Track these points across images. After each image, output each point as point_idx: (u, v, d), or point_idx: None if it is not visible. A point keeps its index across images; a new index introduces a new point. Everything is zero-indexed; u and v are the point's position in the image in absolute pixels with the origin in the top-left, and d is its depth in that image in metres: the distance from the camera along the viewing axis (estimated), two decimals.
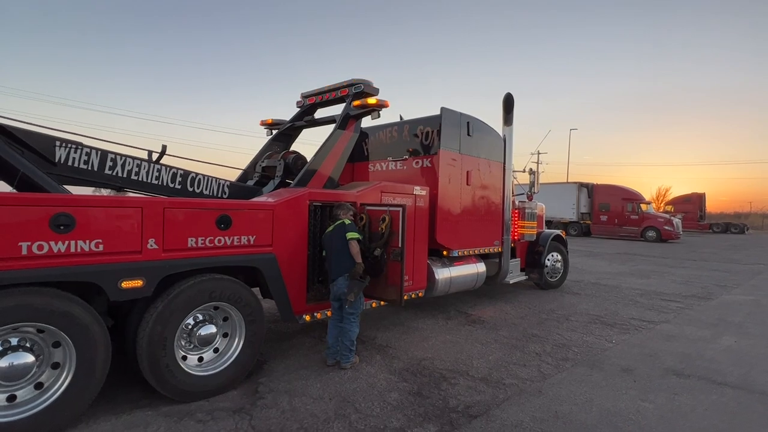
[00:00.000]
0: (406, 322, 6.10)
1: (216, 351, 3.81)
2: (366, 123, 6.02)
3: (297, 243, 4.34)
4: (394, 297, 4.47)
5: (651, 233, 23.68)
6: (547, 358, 4.79)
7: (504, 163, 7.13)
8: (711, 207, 49.32)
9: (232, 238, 3.78)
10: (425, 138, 6.24)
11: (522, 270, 8.11)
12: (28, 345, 2.92)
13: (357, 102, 5.42)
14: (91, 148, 4.18)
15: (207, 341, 3.71)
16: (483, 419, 3.38)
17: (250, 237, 3.90)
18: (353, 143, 5.65)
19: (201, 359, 3.72)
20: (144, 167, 4.53)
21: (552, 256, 8.63)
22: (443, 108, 6.00)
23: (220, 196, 5.16)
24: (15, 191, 3.60)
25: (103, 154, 4.26)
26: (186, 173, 4.84)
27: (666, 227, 23.46)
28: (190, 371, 3.56)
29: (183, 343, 3.62)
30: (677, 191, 52.35)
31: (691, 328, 6.14)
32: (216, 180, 5.14)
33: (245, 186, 5.69)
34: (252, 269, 4.04)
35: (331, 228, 4.36)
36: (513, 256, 7.62)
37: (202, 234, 3.59)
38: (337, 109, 5.89)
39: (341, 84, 5.76)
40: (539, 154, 37.44)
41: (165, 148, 4.73)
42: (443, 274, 6.00)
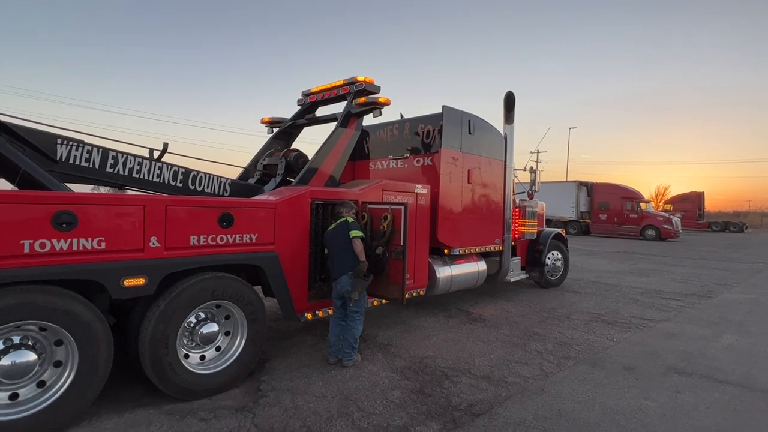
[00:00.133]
0: (407, 320, 6.10)
1: (218, 349, 3.80)
2: (367, 121, 6.01)
3: (299, 241, 4.34)
4: (395, 295, 4.47)
5: (650, 232, 23.73)
6: (549, 356, 4.79)
7: (505, 162, 7.12)
8: (710, 206, 49.40)
9: (234, 236, 3.77)
10: (426, 136, 6.23)
11: (522, 268, 8.11)
12: (30, 343, 2.91)
13: (361, 99, 5.40)
14: (93, 146, 4.17)
15: (209, 339, 3.71)
16: (486, 417, 3.38)
17: (252, 235, 3.90)
18: (355, 141, 5.64)
19: (203, 357, 3.72)
20: (145, 165, 4.51)
21: (552, 254, 8.63)
22: (445, 106, 5.98)
23: (221, 194, 5.15)
24: (17, 189, 3.59)
25: (105, 152, 4.25)
26: (187, 171, 4.83)
27: (665, 226, 23.51)
28: (192, 369, 3.56)
29: (185, 342, 3.61)
30: (676, 190, 52.49)
31: (692, 326, 6.15)
32: (217, 178, 5.12)
33: (247, 184, 5.67)
34: (254, 267, 4.04)
35: (334, 226, 4.36)
36: (514, 254, 7.62)
37: (204, 232, 3.59)
38: (339, 107, 5.88)
39: (342, 82, 5.75)
40: (538, 152, 37.51)
41: (166, 146, 4.71)
42: (444, 272, 6.00)
